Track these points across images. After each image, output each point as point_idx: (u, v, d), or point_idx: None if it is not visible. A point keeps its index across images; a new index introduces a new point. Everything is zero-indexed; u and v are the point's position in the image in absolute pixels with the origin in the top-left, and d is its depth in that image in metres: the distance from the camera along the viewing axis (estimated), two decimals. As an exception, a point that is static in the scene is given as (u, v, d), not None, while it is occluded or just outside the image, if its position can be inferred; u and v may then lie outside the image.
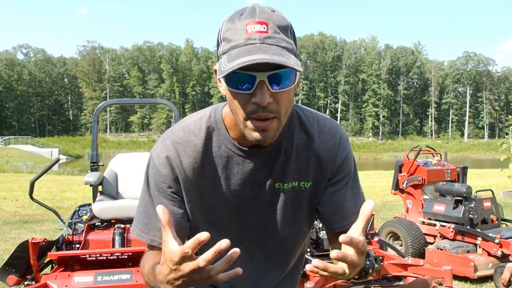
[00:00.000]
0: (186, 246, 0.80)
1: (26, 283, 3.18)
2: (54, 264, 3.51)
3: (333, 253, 0.81)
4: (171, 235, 0.83)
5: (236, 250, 0.82)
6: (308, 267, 0.83)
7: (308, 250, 3.70)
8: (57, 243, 3.63)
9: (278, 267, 1.22)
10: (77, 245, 3.67)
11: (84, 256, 3.28)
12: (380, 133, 76.88)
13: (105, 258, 3.29)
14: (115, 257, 3.29)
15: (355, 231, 0.87)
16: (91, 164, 4.45)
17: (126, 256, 3.29)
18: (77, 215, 3.98)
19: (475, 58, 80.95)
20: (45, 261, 3.55)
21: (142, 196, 1.12)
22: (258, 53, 0.86)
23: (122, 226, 3.74)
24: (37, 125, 72.60)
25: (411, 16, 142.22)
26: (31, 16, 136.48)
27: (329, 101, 78.90)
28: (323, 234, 3.86)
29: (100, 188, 4.17)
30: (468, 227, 4.61)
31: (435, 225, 4.94)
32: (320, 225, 3.92)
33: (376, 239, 4.21)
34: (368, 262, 0.97)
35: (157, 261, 0.98)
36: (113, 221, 3.84)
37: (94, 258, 3.29)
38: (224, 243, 0.78)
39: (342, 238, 0.81)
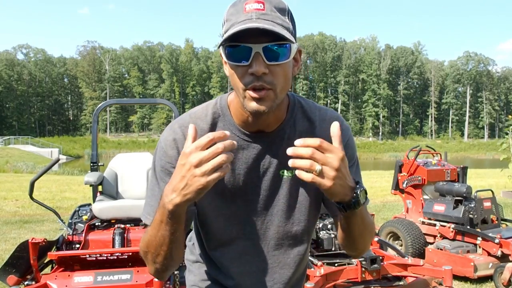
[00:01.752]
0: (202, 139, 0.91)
1: (26, 283, 3.18)
2: (54, 264, 3.51)
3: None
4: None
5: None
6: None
7: (308, 250, 3.70)
8: (57, 243, 3.63)
9: (285, 264, 1.21)
10: (77, 245, 3.68)
11: (84, 256, 3.28)
12: (380, 133, 76.88)
13: (105, 258, 3.29)
14: (115, 257, 3.29)
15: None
16: (91, 164, 4.45)
17: (126, 256, 3.29)
18: (77, 215, 3.98)
19: (475, 58, 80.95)
20: (45, 261, 3.55)
21: (150, 180, 1.15)
22: (252, 23, 0.93)
23: (122, 226, 3.74)
24: (37, 125, 72.59)
25: (411, 16, 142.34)
26: (32, 16, 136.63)
27: (329, 101, 78.87)
28: (323, 234, 3.86)
29: (100, 188, 4.17)
30: (468, 227, 4.61)
31: (435, 225, 4.94)
32: (320, 225, 3.92)
33: (376, 239, 4.21)
34: (358, 189, 0.98)
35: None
36: (113, 221, 3.85)
37: (94, 258, 3.29)
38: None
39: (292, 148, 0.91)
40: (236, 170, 1.10)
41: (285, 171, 1.12)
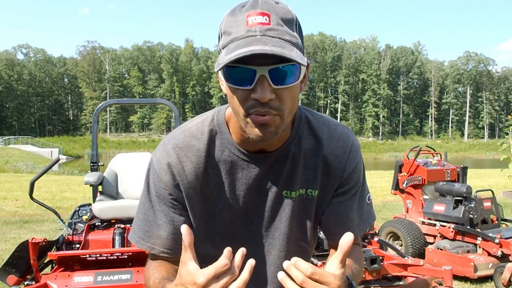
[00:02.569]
0: (218, 267, 0.77)
1: (26, 283, 3.18)
2: (54, 264, 3.51)
3: (279, 275, 0.81)
4: (192, 256, 0.80)
5: (252, 260, 0.79)
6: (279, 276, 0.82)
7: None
8: (57, 243, 3.63)
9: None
10: (77, 245, 3.67)
11: (84, 256, 3.28)
12: (380, 133, 76.87)
13: (105, 258, 3.28)
14: (115, 257, 3.29)
15: (333, 264, 0.82)
16: (91, 164, 4.45)
17: (126, 256, 3.29)
18: (77, 215, 3.98)
19: (475, 58, 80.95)
20: (45, 261, 3.55)
21: (142, 202, 1.06)
22: (257, 44, 0.81)
23: (122, 226, 3.74)
24: (37, 125, 72.60)
25: (411, 16, 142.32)
26: (32, 16, 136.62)
27: (329, 101, 78.87)
28: (323, 234, 3.84)
29: (100, 188, 4.17)
30: (468, 227, 4.61)
31: (435, 225, 4.94)
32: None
33: (376, 239, 4.21)
34: None
35: (163, 275, 0.96)
36: (113, 221, 3.84)
37: (94, 258, 3.28)
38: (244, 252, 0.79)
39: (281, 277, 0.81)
40: (236, 191, 1.02)
41: (288, 191, 1.04)
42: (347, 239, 0.81)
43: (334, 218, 1.07)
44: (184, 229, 0.80)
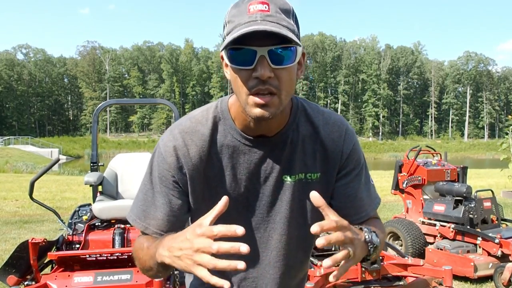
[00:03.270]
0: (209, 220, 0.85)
1: (26, 283, 3.18)
2: (54, 264, 3.50)
3: (318, 242, 0.86)
4: (213, 217, 0.86)
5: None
6: (325, 264, 0.86)
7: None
8: (57, 243, 3.63)
9: (286, 271, 1.19)
10: (77, 245, 3.67)
11: (84, 256, 3.27)
12: (380, 133, 76.87)
13: (105, 258, 3.28)
14: (115, 257, 3.29)
15: (328, 219, 0.91)
16: (91, 164, 4.45)
17: (126, 256, 3.29)
18: (77, 215, 3.98)
19: (475, 58, 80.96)
20: (45, 261, 3.55)
21: (143, 183, 1.12)
22: (257, 26, 0.89)
23: (122, 226, 3.74)
24: (37, 125, 72.59)
25: (411, 16, 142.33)
26: (32, 16, 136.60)
27: (329, 101, 78.87)
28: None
29: (100, 188, 4.17)
30: (468, 227, 4.61)
31: (435, 225, 4.94)
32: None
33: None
34: (369, 238, 0.98)
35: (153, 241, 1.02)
36: (113, 221, 3.84)
37: (94, 258, 3.28)
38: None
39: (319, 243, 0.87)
40: (237, 175, 1.08)
41: (288, 176, 1.09)
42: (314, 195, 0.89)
43: (344, 200, 1.13)
44: (224, 200, 0.88)
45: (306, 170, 1.09)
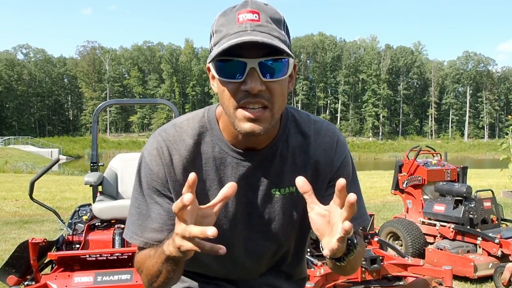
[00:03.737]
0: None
1: (26, 283, 3.18)
2: (54, 264, 3.50)
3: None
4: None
5: (210, 230, 0.77)
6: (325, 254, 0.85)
7: (308, 250, 3.70)
8: (57, 243, 3.62)
9: (275, 281, 1.18)
10: (77, 245, 3.67)
11: (84, 256, 3.27)
12: (380, 133, 76.84)
13: (105, 258, 3.28)
14: (115, 257, 3.29)
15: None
16: (91, 164, 4.45)
17: (126, 256, 3.29)
18: (77, 215, 3.97)
19: (475, 58, 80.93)
20: (45, 261, 3.55)
21: (134, 197, 1.06)
22: (247, 36, 0.84)
23: (122, 226, 3.73)
24: (37, 125, 72.56)
25: (411, 16, 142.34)
26: (33, 16, 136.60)
27: (329, 101, 78.85)
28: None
29: (100, 188, 4.17)
30: (468, 227, 4.61)
31: (435, 225, 4.94)
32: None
33: (376, 239, 4.21)
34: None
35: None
36: (113, 221, 3.84)
37: (94, 258, 3.28)
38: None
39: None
40: None
41: (277, 189, 1.05)
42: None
43: None
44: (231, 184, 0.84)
45: None
